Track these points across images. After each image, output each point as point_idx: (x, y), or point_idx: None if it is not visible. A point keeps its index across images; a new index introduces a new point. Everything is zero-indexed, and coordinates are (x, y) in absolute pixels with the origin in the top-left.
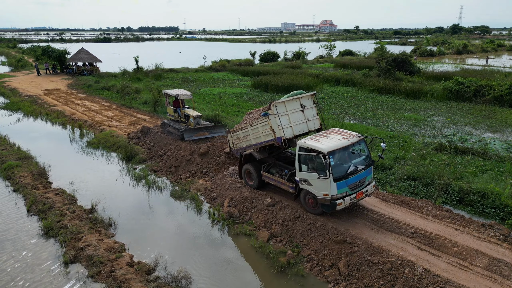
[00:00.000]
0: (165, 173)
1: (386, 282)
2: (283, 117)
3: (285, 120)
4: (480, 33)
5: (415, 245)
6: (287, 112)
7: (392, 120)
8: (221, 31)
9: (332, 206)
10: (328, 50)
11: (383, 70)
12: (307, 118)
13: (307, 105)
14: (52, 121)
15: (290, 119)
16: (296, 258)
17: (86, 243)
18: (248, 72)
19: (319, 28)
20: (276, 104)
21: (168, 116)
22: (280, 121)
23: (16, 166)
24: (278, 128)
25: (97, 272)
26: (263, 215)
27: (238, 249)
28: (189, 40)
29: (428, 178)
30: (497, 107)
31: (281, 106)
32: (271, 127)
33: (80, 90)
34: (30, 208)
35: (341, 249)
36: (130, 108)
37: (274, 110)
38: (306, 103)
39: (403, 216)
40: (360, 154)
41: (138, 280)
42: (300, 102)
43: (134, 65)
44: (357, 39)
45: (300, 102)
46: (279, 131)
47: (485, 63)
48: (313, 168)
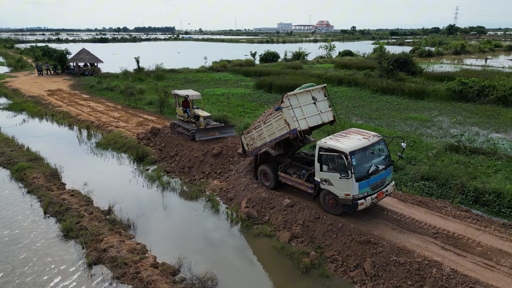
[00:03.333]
0: (178, 174)
1: (414, 283)
2: (297, 109)
3: (298, 112)
4: (476, 33)
5: (439, 245)
6: (300, 104)
7: (398, 120)
8: (217, 31)
9: (354, 206)
10: (328, 50)
11: (386, 71)
12: (320, 111)
13: (319, 98)
14: (58, 122)
15: (303, 111)
16: (320, 259)
17: (108, 244)
18: (249, 73)
19: (316, 29)
20: (288, 96)
21: (177, 116)
22: (294, 113)
23: (28, 167)
24: (292, 120)
25: (122, 274)
26: (282, 216)
27: (260, 250)
28: (186, 40)
29: (443, 178)
30: (501, 107)
31: (293, 98)
32: (285, 120)
33: (83, 91)
34: (46, 209)
35: (365, 250)
36: (135, 109)
37: (287, 102)
38: (317, 96)
39: (423, 216)
40: (379, 154)
41: (164, 282)
42: (312, 95)
43: (135, 66)
44: (354, 40)
45: (312, 94)
46: (294, 122)
47: (484, 63)
48: (334, 168)
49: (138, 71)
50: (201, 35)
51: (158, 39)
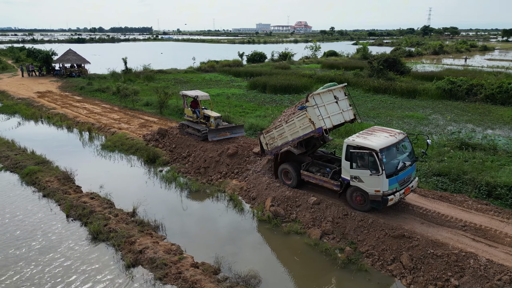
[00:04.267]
0: (194, 175)
1: (454, 274)
2: (321, 108)
3: (323, 111)
4: (450, 34)
5: (470, 238)
6: (324, 103)
7: (396, 118)
8: (196, 31)
9: (383, 202)
10: (313, 51)
11: (376, 70)
12: (341, 109)
13: (340, 97)
14: (55, 125)
15: (327, 110)
16: (355, 254)
17: (142, 245)
18: (239, 73)
19: (294, 29)
20: (313, 95)
21: (186, 117)
22: (319, 112)
23: (38, 170)
24: (318, 119)
25: (164, 275)
26: (309, 214)
27: (293, 247)
28: (166, 41)
29: (454, 174)
30: (490, 105)
31: (317, 97)
32: (310, 119)
33: (74, 93)
34: (69, 213)
35: (400, 244)
36: (134, 110)
37: (313, 101)
38: (338, 95)
39: (447, 210)
40: (404, 151)
41: (208, 281)
42: (334, 94)
43: (121, 66)
44: (333, 40)
45: (333, 94)
46: (319, 121)
47: (464, 63)
48: (363, 166)
49: (127, 72)
50: (180, 35)
51: (137, 39)
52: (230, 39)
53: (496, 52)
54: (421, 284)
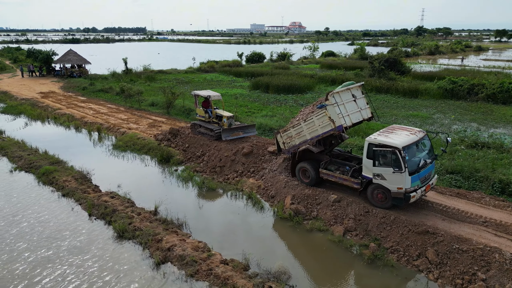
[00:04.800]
0: (210, 174)
1: (480, 268)
2: (341, 107)
3: (342, 109)
4: (443, 34)
5: (492, 233)
6: (343, 102)
7: (401, 118)
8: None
9: (406, 199)
10: (312, 51)
11: (377, 70)
12: (360, 107)
13: (358, 95)
14: (63, 125)
15: (346, 108)
16: (380, 250)
17: (170, 243)
18: (240, 73)
19: (289, 30)
20: (333, 94)
21: (198, 117)
22: (339, 110)
23: (54, 170)
24: (338, 117)
25: (195, 271)
26: (330, 211)
27: (318, 244)
28: (161, 41)
29: (467, 172)
30: (491, 105)
31: (337, 96)
32: (330, 117)
33: (77, 93)
34: (91, 212)
35: (425, 240)
36: (140, 110)
37: (332, 100)
38: (356, 94)
39: (466, 207)
40: (423, 149)
41: (240, 277)
42: (352, 93)
43: (121, 67)
44: (328, 41)
45: (351, 92)
46: (339, 119)
47: (461, 63)
48: (386, 163)
49: (127, 73)
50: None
51: (132, 39)
52: (225, 40)
53: (490, 52)
54: (448, 279)
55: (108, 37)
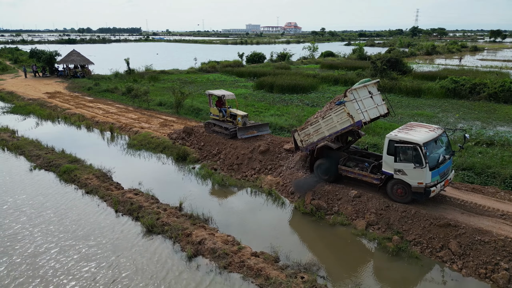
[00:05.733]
0: (227, 171)
1: (503, 258)
2: (359, 102)
3: (361, 105)
4: (438, 34)
5: (511, 225)
6: (361, 98)
7: (407, 117)
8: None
9: (426, 194)
10: (311, 51)
11: (379, 70)
12: (376, 104)
13: (374, 92)
14: (74, 125)
15: (364, 104)
16: (403, 243)
17: (199, 237)
18: (242, 73)
19: (284, 30)
20: (352, 91)
21: (212, 116)
22: (358, 106)
23: (75, 169)
24: (357, 113)
25: (228, 263)
26: (351, 206)
27: (342, 237)
28: (157, 41)
29: (478, 168)
30: (493, 103)
31: (355, 93)
32: (348, 113)
33: (83, 93)
34: (117, 208)
35: (447, 232)
36: (149, 110)
37: (351, 96)
38: (372, 90)
39: (483, 201)
40: (441, 145)
41: (272, 268)
42: (368, 90)
43: (123, 67)
44: (324, 41)
45: (368, 89)
46: (358, 115)
47: (459, 63)
48: (407, 159)
49: (130, 73)
50: (170, 36)
51: (129, 40)
52: (222, 40)
53: (486, 53)
54: (471, 269)
55: (105, 37)
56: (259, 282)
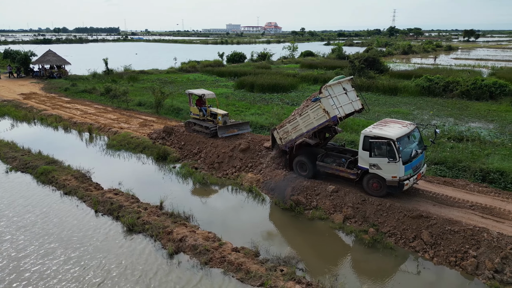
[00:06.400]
0: (208, 170)
1: (471, 246)
2: (334, 99)
3: (335, 101)
4: (414, 34)
5: (479, 215)
6: (335, 94)
7: (383, 114)
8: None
9: (400, 187)
10: (291, 51)
11: (357, 69)
12: (351, 100)
13: (348, 88)
14: (51, 126)
15: (338, 100)
16: (378, 234)
17: (180, 234)
18: (223, 73)
19: (265, 30)
20: (326, 87)
21: (192, 115)
22: (333, 101)
23: (52, 170)
24: (332, 108)
25: (209, 259)
26: (329, 201)
27: (320, 231)
28: (136, 41)
29: (450, 162)
30: (465, 101)
31: (330, 89)
32: (324, 109)
33: (60, 94)
34: (97, 208)
35: (419, 223)
36: (128, 110)
37: (326, 92)
38: (346, 87)
39: (453, 193)
40: (414, 140)
41: (252, 263)
42: (342, 86)
43: (101, 67)
44: (304, 41)
45: (342, 86)
46: (334, 110)
47: (433, 62)
48: (381, 154)
49: (108, 73)
50: (150, 36)
51: (106, 40)
52: (202, 40)
53: (460, 52)
54: (442, 257)
55: (81, 37)
56: (239, 276)
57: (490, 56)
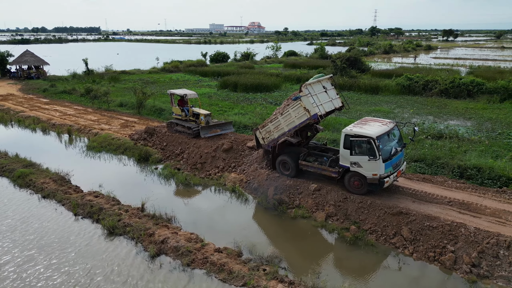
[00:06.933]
0: (191, 170)
1: (449, 241)
2: (314, 97)
3: (316, 99)
4: (395, 34)
5: (457, 211)
6: (315, 92)
7: (365, 113)
8: (147, 31)
9: (380, 184)
10: (275, 51)
11: (339, 69)
12: (331, 98)
13: (328, 87)
14: (29, 128)
15: (319, 98)
16: (360, 232)
17: (162, 236)
18: (206, 73)
19: (248, 30)
20: (306, 86)
21: (174, 115)
22: (313, 100)
23: (30, 173)
24: (312, 106)
25: (191, 260)
26: (312, 199)
27: (303, 229)
28: (118, 41)
29: (429, 159)
30: (444, 99)
31: (309, 87)
32: (305, 107)
33: (38, 95)
34: (76, 211)
35: (399, 220)
36: (109, 111)
37: (306, 91)
38: (326, 85)
39: (432, 190)
40: (393, 138)
41: (235, 263)
42: (322, 84)
43: (81, 67)
44: (287, 41)
45: (322, 84)
46: (314, 108)
47: (414, 61)
48: (362, 152)
49: (89, 74)
50: (132, 35)
51: (87, 40)
52: (185, 40)
53: (439, 51)
54: (421, 253)
55: (61, 37)
56: (222, 276)
57: (468, 55)
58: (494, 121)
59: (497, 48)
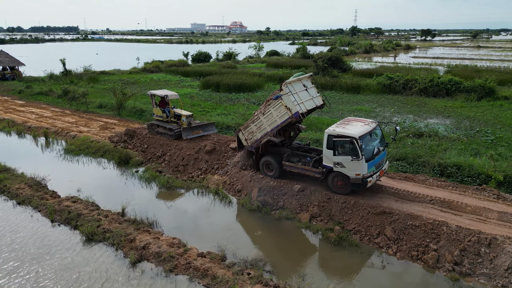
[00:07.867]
0: (173, 173)
1: (432, 239)
2: (295, 95)
3: (296, 98)
4: (375, 34)
5: (438, 209)
6: (296, 91)
7: (347, 112)
8: (127, 31)
9: (363, 184)
10: (257, 50)
11: (321, 68)
12: (311, 96)
13: (308, 85)
14: (3, 131)
15: (300, 97)
16: (344, 232)
17: (144, 242)
18: (188, 73)
19: (230, 29)
20: (286, 84)
21: (155, 117)
22: (294, 98)
23: (4, 178)
24: (293, 105)
25: (173, 266)
26: (296, 200)
27: (287, 231)
28: (97, 41)
29: (410, 158)
30: (423, 98)
31: (290, 86)
32: (286, 106)
33: (13, 97)
34: (53, 218)
35: (383, 219)
36: (88, 113)
37: (287, 89)
38: (307, 84)
39: (414, 189)
40: (376, 138)
41: (218, 267)
42: (302, 83)
43: (58, 68)
44: (269, 40)
45: (302, 82)
46: (295, 106)
47: (394, 60)
48: (345, 152)
49: (66, 74)
50: (111, 35)
51: (64, 39)
52: (166, 39)
53: (417, 50)
54: (405, 252)
55: (37, 37)
56: (205, 282)
57: (446, 55)
58: (472, 119)
59: (473, 48)
